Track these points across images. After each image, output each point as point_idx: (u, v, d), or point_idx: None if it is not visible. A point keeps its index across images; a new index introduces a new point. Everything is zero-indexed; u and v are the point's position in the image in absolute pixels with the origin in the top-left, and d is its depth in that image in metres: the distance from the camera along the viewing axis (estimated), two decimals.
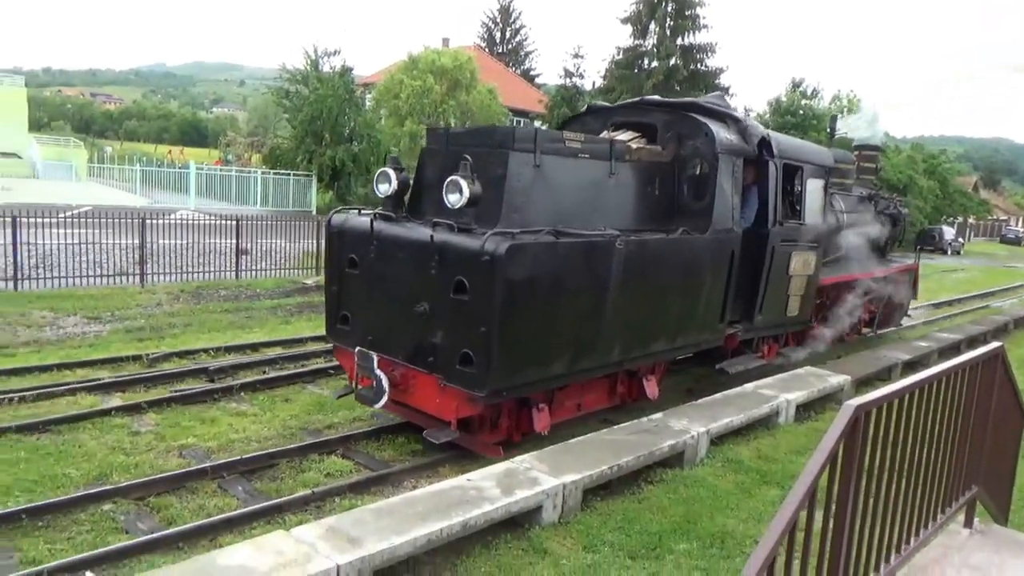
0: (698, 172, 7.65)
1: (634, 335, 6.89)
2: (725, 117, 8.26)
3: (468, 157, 5.89)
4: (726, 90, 41.82)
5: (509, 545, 4.91)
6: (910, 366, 10.37)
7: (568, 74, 34.09)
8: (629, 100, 9.32)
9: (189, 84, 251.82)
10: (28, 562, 4.51)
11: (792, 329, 9.81)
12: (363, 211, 6.85)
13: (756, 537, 5.20)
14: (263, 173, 30.36)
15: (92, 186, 36.18)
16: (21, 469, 5.68)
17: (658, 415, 6.97)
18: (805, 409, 8.26)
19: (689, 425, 6.70)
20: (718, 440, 6.95)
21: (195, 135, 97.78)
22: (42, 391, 7.41)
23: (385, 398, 6.21)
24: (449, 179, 5.90)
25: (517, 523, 5.12)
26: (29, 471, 5.65)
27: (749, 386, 8.23)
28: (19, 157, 39.36)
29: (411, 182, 6.81)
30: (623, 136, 7.73)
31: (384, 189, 6.63)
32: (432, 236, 5.95)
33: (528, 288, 5.76)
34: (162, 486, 5.58)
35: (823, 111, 39.25)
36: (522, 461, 5.61)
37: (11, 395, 7.19)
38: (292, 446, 6.45)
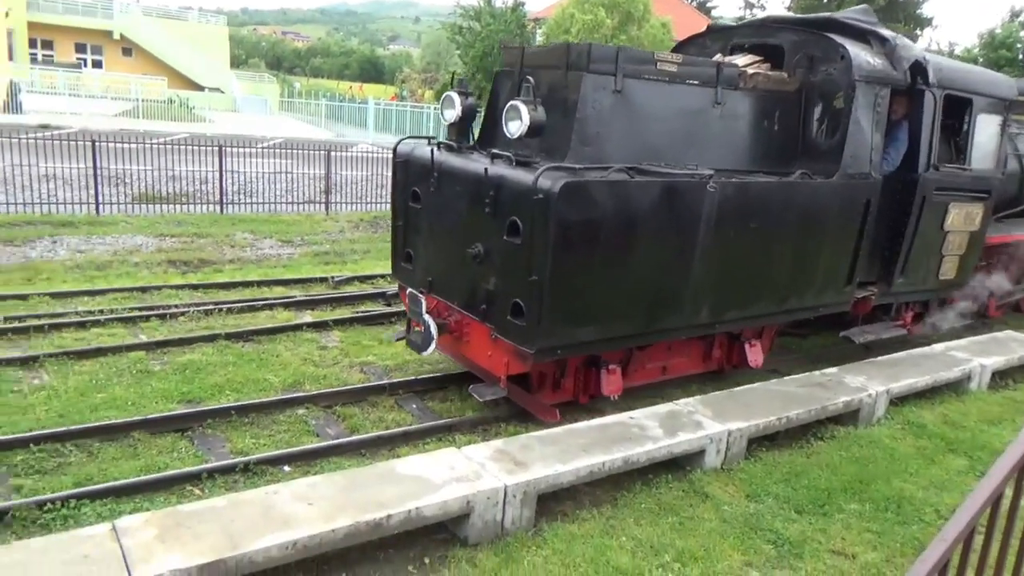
0: (829, 104, 6.41)
1: (731, 294, 5.97)
2: (868, 36, 6.82)
3: (531, 79, 5.17)
4: (929, 21, 37.57)
5: (670, 485, 4.93)
6: None
7: (748, 4, 32.04)
8: (754, 19, 7.91)
9: (368, 21, 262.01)
10: (237, 452, 5.12)
11: (945, 295, 8.29)
12: (431, 140, 6.25)
13: (938, 506, 4.89)
14: (435, 108, 31.26)
15: (283, 119, 39.00)
16: (230, 371, 6.40)
17: (832, 369, 6.63)
18: (1002, 377, 7.53)
19: (867, 383, 6.32)
20: (898, 401, 6.52)
21: (373, 71, 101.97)
22: (245, 304, 8.25)
23: (433, 346, 5.82)
24: (509, 104, 5.19)
25: (678, 464, 5.12)
26: (237, 374, 6.35)
27: (938, 347, 7.60)
28: (222, 92, 43.01)
29: (478, 108, 6.19)
30: (740, 60, 6.64)
31: (449, 115, 5.98)
32: (486, 169, 5.27)
33: (589, 233, 5.00)
34: (347, 397, 6.09)
35: None
36: (686, 404, 5.57)
37: (221, 306, 8.08)
38: (461, 371, 6.78)
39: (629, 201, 5.13)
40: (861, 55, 6.43)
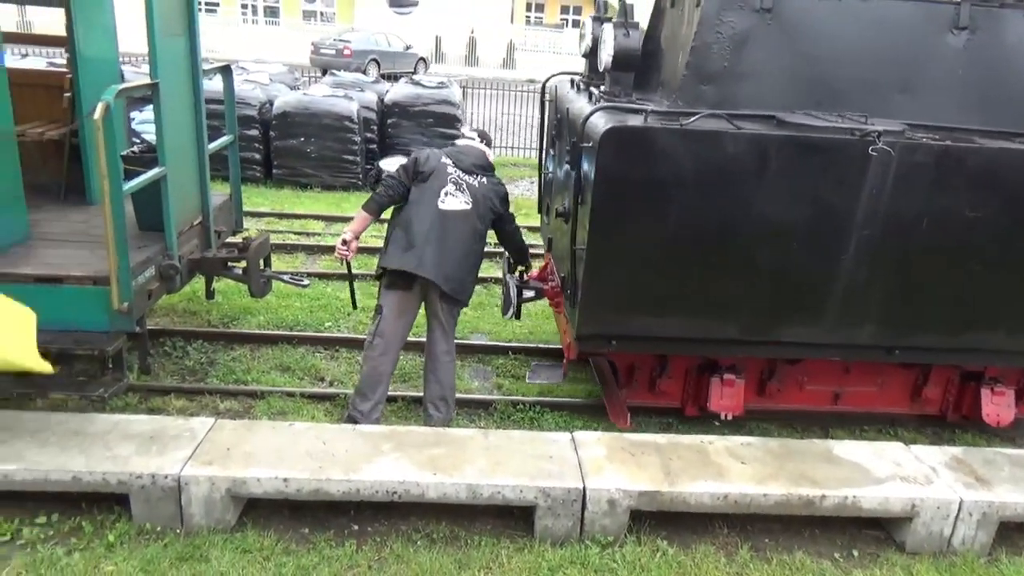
0: None
1: (927, 310, 4.15)
2: None
3: None
4: None
5: None
6: None
7: None
8: None
9: None
10: None
11: None
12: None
13: None
14: None
15: None
16: None
17: None
18: None
19: None
20: None
21: None
22: None
23: (511, 311, 4.93)
24: (603, 26, 4.24)
25: None
26: None
27: None
28: None
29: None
30: None
31: (583, 47, 5.03)
32: (568, 110, 4.49)
33: (654, 198, 3.76)
34: None
35: None
36: None
37: None
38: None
39: (726, 160, 3.72)
40: None
